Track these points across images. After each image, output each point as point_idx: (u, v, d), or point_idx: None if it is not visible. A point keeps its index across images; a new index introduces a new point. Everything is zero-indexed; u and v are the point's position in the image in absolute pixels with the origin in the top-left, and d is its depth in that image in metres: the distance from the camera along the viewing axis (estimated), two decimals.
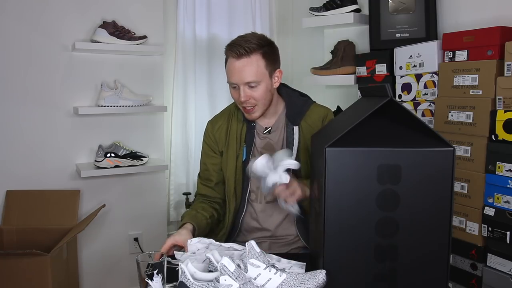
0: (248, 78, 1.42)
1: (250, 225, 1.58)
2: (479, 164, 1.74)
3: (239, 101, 1.47)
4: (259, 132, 1.56)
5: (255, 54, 1.42)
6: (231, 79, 1.45)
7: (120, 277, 2.46)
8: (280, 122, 1.57)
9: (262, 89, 1.45)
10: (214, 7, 2.73)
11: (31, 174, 2.24)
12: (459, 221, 1.81)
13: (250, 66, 1.41)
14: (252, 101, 1.46)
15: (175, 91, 2.63)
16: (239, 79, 1.43)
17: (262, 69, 1.44)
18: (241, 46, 1.41)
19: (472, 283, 1.78)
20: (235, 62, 1.42)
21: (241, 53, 1.40)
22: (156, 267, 1.05)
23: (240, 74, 1.42)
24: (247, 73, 1.42)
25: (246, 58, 1.41)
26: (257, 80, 1.43)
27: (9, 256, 1.84)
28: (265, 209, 1.56)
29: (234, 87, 1.46)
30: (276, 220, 1.56)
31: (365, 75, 2.28)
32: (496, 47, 1.72)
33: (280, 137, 1.56)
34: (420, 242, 1.05)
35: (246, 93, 1.44)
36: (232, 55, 1.43)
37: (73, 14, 2.27)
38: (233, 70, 1.43)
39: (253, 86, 1.43)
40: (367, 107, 1.09)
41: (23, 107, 2.21)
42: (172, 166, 2.64)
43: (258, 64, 1.43)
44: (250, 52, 1.41)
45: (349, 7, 2.38)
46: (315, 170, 1.19)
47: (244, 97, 1.44)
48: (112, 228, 2.44)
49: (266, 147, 1.55)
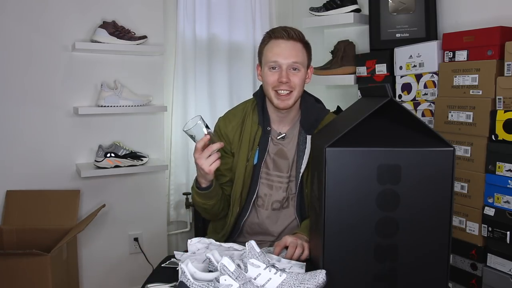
0: (295, 58, 1.46)
1: (253, 229, 1.57)
2: (479, 164, 1.74)
3: (278, 83, 1.46)
4: (273, 138, 1.55)
5: (301, 42, 1.49)
6: (276, 58, 1.45)
7: (120, 277, 2.46)
8: (295, 129, 1.56)
9: (301, 76, 1.48)
10: (214, 7, 2.73)
11: (31, 174, 2.24)
12: (459, 221, 1.81)
13: (297, 49, 1.47)
14: (291, 84, 1.46)
15: (175, 91, 2.63)
16: (286, 57, 1.45)
17: (305, 56, 1.50)
18: (292, 30, 1.47)
19: (472, 283, 1.78)
20: (283, 42, 1.46)
21: (292, 36, 1.46)
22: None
23: (290, 53, 1.45)
24: (296, 53, 1.46)
25: (294, 41, 1.47)
26: (302, 62, 1.47)
27: (9, 256, 1.84)
28: (270, 215, 1.54)
29: (274, 68, 1.46)
30: (280, 226, 1.55)
31: (365, 75, 2.28)
32: (496, 47, 1.72)
33: (293, 145, 1.54)
34: (420, 242, 1.05)
35: (288, 74, 1.45)
36: (280, 36, 1.46)
37: (73, 14, 2.27)
38: (280, 50, 1.45)
39: (295, 68, 1.46)
40: (367, 107, 1.09)
41: (23, 107, 2.21)
42: (172, 166, 2.64)
43: (303, 51, 1.49)
44: (298, 38, 1.48)
45: (349, 7, 2.38)
46: (315, 170, 1.19)
47: (286, 78, 1.44)
48: (112, 228, 2.44)
49: (278, 154, 1.54)
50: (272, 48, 1.47)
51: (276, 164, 1.54)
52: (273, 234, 1.55)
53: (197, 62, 2.68)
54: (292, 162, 1.53)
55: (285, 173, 1.53)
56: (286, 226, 1.55)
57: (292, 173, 1.53)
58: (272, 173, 1.54)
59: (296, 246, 1.27)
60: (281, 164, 1.54)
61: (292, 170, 1.53)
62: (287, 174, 1.53)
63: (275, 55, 1.45)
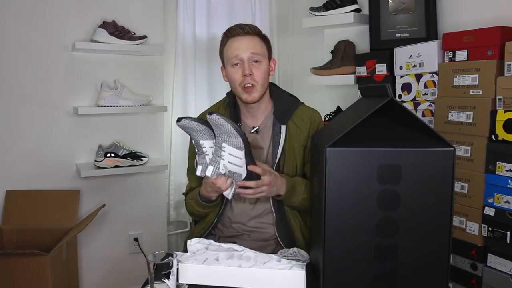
0: (254, 49, 1.48)
1: (227, 221, 1.58)
2: (479, 164, 1.73)
3: (242, 78, 1.47)
4: (246, 132, 1.56)
5: (257, 36, 1.51)
6: (236, 53, 1.47)
7: (120, 277, 2.46)
8: (268, 121, 1.58)
9: (263, 68, 1.50)
10: (214, 7, 2.73)
11: (31, 174, 2.24)
12: (459, 221, 1.81)
13: (255, 42, 1.49)
14: (254, 77, 1.47)
15: (175, 91, 2.63)
16: (245, 50, 1.47)
17: (264, 49, 1.52)
18: (247, 26, 1.50)
19: (472, 283, 1.78)
20: (240, 39, 1.48)
21: (247, 31, 1.49)
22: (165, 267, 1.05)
23: (247, 45, 1.47)
24: (253, 45, 1.48)
25: (250, 36, 1.49)
26: (262, 54, 1.49)
27: (9, 256, 1.84)
28: (246, 210, 1.55)
29: (237, 64, 1.48)
30: (251, 216, 1.56)
31: (365, 75, 2.28)
32: (496, 47, 1.72)
33: (268, 136, 1.56)
34: (421, 242, 1.05)
35: (251, 67, 1.47)
36: (236, 33, 1.48)
37: (73, 14, 2.27)
38: (238, 45, 1.48)
39: (257, 60, 1.48)
40: (367, 107, 1.09)
41: (23, 107, 2.21)
42: (172, 166, 2.64)
43: (261, 43, 1.51)
44: (254, 32, 1.50)
45: (349, 7, 2.38)
46: (315, 170, 1.19)
47: (249, 70, 1.46)
48: (112, 228, 2.44)
49: (253, 145, 1.55)
50: (232, 45, 1.49)
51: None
52: (247, 225, 1.55)
53: (197, 62, 2.68)
54: (267, 153, 1.55)
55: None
56: (257, 215, 1.55)
57: (267, 163, 1.53)
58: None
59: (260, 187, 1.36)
60: (256, 156, 1.54)
61: (267, 161, 1.54)
62: None
63: (234, 50, 1.48)
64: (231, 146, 1.28)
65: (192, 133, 1.33)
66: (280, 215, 1.53)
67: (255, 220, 1.55)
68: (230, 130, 1.26)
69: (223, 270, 1.18)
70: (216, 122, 1.26)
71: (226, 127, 1.26)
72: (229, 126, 1.26)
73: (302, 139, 1.55)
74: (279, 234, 1.53)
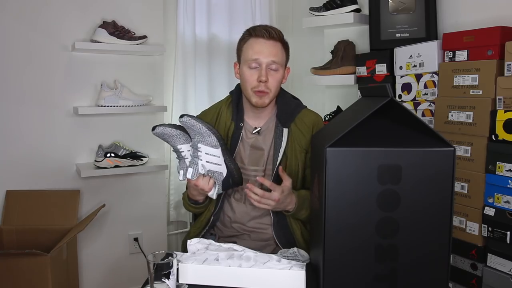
0: (275, 57, 1.46)
1: (225, 221, 1.58)
2: (479, 164, 1.73)
3: (258, 81, 1.46)
4: (248, 132, 1.56)
5: (280, 43, 1.49)
6: (256, 56, 1.45)
7: (120, 277, 2.46)
8: (271, 123, 1.57)
9: (279, 76, 1.49)
10: (214, 7, 2.73)
11: (31, 174, 2.24)
12: (459, 221, 1.81)
13: (277, 48, 1.47)
14: (268, 85, 1.46)
15: (175, 91, 2.63)
16: (267, 56, 1.45)
17: (284, 57, 1.51)
18: (272, 30, 1.47)
19: (472, 283, 1.78)
20: (264, 42, 1.46)
21: (272, 35, 1.46)
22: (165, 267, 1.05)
23: (270, 52, 1.45)
24: (275, 52, 1.46)
25: (274, 41, 1.47)
26: (280, 62, 1.48)
27: (9, 256, 1.84)
28: (247, 211, 1.55)
29: (255, 67, 1.47)
30: (251, 217, 1.56)
31: (365, 75, 2.28)
32: (496, 47, 1.72)
33: (269, 138, 1.56)
34: (421, 242, 1.05)
35: (267, 74, 1.46)
36: (261, 34, 1.46)
37: (73, 14, 2.27)
38: (260, 48, 1.45)
39: (274, 69, 1.47)
40: (367, 107, 1.09)
41: (22, 107, 2.21)
42: (172, 166, 2.64)
43: (282, 51, 1.49)
44: (278, 38, 1.48)
45: (349, 7, 2.38)
46: (315, 170, 1.19)
47: (265, 77, 1.45)
48: (112, 228, 2.44)
49: (254, 146, 1.55)
50: (253, 46, 1.46)
51: (252, 159, 1.55)
52: (247, 226, 1.55)
53: (197, 62, 2.68)
54: (268, 155, 1.55)
55: (261, 167, 1.54)
56: (257, 216, 1.55)
57: (268, 166, 1.54)
58: (248, 168, 1.54)
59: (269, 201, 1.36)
60: (257, 158, 1.55)
61: (268, 164, 1.54)
62: (263, 168, 1.54)
63: (255, 53, 1.45)
64: (207, 146, 1.29)
65: (168, 139, 1.34)
66: (278, 217, 1.53)
67: (255, 221, 1.55)
68: (202, 130, 1.28)
69: (223, 270, 1.18)
70: (188, 124, 1.27)
71: (198, 127, 1.27)
72: (201, 125, 1.27)
73: (303, 143, 1.54)
74: (277, 235, 1.53)
